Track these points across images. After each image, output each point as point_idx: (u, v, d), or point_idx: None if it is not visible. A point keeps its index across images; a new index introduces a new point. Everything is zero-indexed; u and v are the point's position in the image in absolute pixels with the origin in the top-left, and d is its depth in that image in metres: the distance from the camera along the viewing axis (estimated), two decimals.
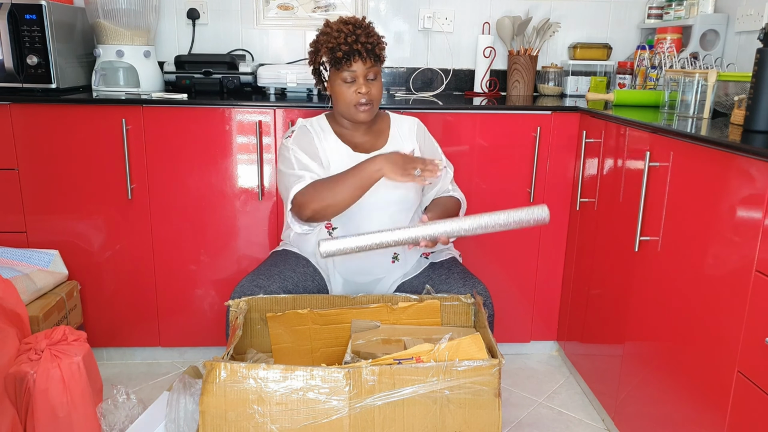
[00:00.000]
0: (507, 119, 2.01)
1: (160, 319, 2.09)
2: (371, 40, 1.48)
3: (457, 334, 1.27)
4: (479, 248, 2.09)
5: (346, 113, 1.54)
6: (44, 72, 1.96)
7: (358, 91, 1.50)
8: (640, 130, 1.57)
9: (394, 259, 1.59)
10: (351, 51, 1.47)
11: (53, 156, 1.92)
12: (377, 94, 1.53)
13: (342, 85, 1.51)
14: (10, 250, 1.88)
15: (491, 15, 2.46)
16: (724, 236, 1.20)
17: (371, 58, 1.49)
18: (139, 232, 2.00)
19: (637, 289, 1.57)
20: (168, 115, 1.93)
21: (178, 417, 1.44)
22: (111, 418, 1.55)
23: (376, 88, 1.53)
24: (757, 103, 1.31)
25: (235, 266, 2.06)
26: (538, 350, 2.29)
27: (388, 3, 2.44)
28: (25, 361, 1.46)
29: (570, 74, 2.44)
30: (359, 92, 1.50)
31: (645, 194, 1.49)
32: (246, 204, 2.01)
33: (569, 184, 2.06)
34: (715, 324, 1.23)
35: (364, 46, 1.47)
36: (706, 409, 1.26)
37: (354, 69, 1.49)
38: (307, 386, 1.12)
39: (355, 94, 1.50)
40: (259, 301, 1.43)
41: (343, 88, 1.51)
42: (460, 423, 1.17)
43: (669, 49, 2.05)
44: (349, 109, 1.53)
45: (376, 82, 1.53)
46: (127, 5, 2.05)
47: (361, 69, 1.49)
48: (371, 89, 1.51)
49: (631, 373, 1.61)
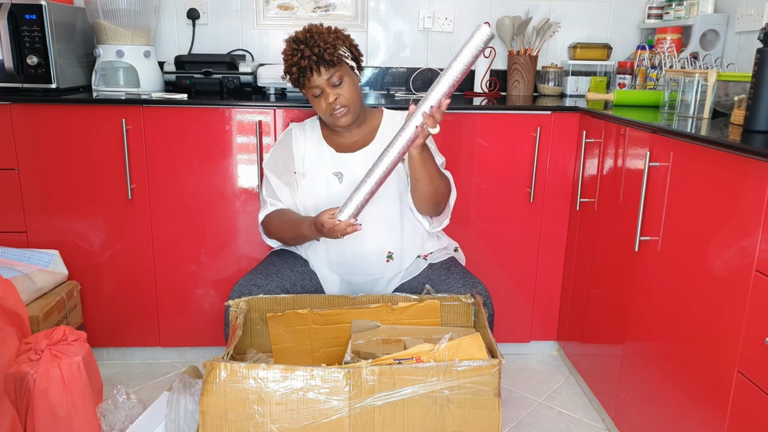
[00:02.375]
0: (507, 119, 2.01)
1: (160, 319, 2.09)
2: (316, 51, 1.44)
3: (457, 334, 1.27)
4: (479, 248, 2.09)
5: (328, 122, 1.56)
6: (44, 72, 1.96)
7: (327, 102, 1.50)
8: (640, 130, 1.57)
9: (388, 258, 1.59)
10: (300, 69, 1.46)
11: (53, 156, 1.92)
12: (349, 95, 1.51)
13: (313, 99, 1.52)
14: (10, 250, 1.88)
15: (491, 15, 2.46)
16: (724, 236, 1.20)
17: (324, 66, 1.46)
18: (139, 232, 2.00)
19: (637, 289, 1.57)
20: (168, 115, 1.93)
21: (178, 417, 1.44)
22: (111, 418, 1.56)
23: (346, 90, 1.50)
24: (757, 103, 1.31)
25: (235, 266, 2.06)
26: (538, 350, 2.29)
27: (388, 3, 2.44)
28: (25, 361, 1.46)
29: (570, 74, 2.44)
30: (328, 102, 1.50)
31: (645, 194, 1.49)
32: (246, 204, 2.01)
33: (569, 184, 2.06)
34: (715, 324, 1.23)
35: (310, 59, 1.45)
36: (706, 409, 1.26)
37: (313, 82, 1.48)
38: (307, 386, 1.12)
39: (325, 104, 1.51)
40: (259, 301, 1.43)
41: (315, 102, 1.52)
42: (460, 423, 1.17)
43: (669, 49, 2.05)
44: (327, 119, 1.54)
45: (344, 85, 1.50)
46: (127, 5, 2.05)
47: (320, 80, 1.48)
48: (340, 94, 1.50)
49: (631, 373, 1.61)
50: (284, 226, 1.56)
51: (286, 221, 1.55)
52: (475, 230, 2.08)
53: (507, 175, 2.05)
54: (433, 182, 1.46)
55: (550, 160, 2.04)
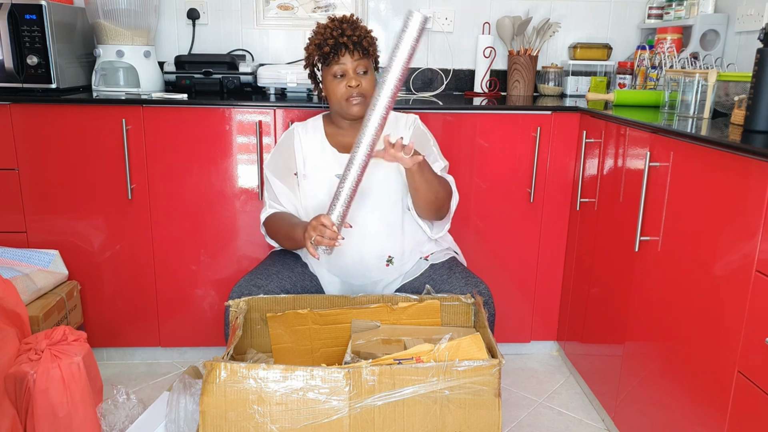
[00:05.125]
0: (507, 119, 2.01)
1: (160, 319, 2.09)
2: (357, 33, 1.48)
3: (457, 334, 1.27)
4: (479, 248, 2.09)
5: (339, 109, 1.55)
6: (44, 72, 1.96)
7: (348, 85, 1.50)
8: (640, 130, 1.57)
9: (388, 262, 1.59)
10: (337, 44, 1.48)
11: (53, 156, 1.92)
12: (368, 88, 1.52)
13: (333, 80, 1.52)
14: (10, 250, 1.88)
15: (491, 15, 2.46)
16: (724, 236, 1.20)
17: (359, 51, 1.49)
18: (139, 232, 2.00)
19: (637, 289, 1.57)
20: (168, 115, 1.93)
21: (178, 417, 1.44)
22: (111, 418, 1.56)
23: (367, 82, 1.52)
24: (757, 103, 1.31)
25: (235, 266, 2.06)
26: (538, 350, 2.29)
27: (388, 3, 2.44)
28: (25, 361, 1.46)
29: (570, 74, 2.44)
30: (349, 86, 1.50)
31: (645, 194, 1.49)
32: (246, 204, 2.01)
33: (569, 184, 2.06)
34: (715, 324, 1.23)
35: (350, 38, 1.47)
36: (706, 409, 1.26)
37: (342, 63, 1.50)
38: (307, 386, 1.12)
39: (345, 88, 1.51)
40: (258, 301, 1.43)
41: (334, 83, 1.52)
42: (460, 423, 1.17)
43: (669, 49, 2.05)
44: (341, 104, 1.53)
45: (367, 77, 1.52)
46: (127, 5, 2.05)
47: (350, 62, 1.50)
48: (362, 83, 1.51)
49: (631, 373, 1.61)
50: (280, 230, 1.55)
51: (283, 225, 1.55)
52: (475, 230, 2.08)
53: (507, 175, 2.05)
54: (432, 189, 1.47)
55: (550, 160, 2.04)
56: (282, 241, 1.58)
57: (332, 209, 1.36)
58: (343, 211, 1.36)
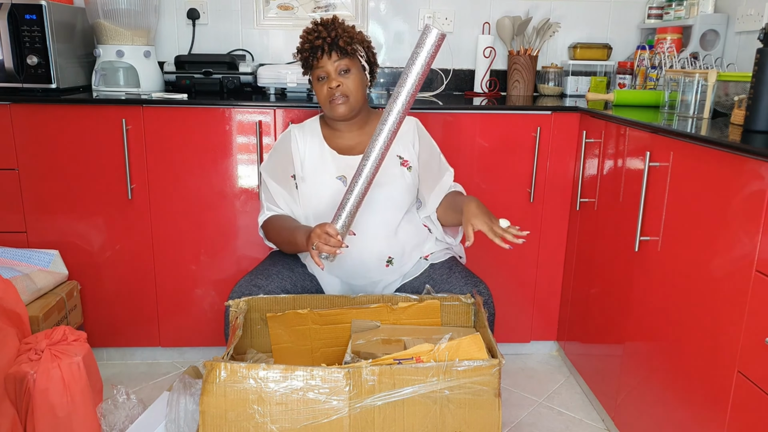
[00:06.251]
0: (507, 119, 2.01)
1: (160, 319, 2.09)
2: (333, 34, 1.48)
3: (457, 334, 1.27)
4: (479, 248, 2.08)
5: (326, 111, 1.56)
6: (44, 72, 1.96)
7: (329, 87, 1.50)
8: (640, 130, 1.57)
9: (388, 263, 1.58)
10: (313, 48, 1.48)
11: (53, 156, 1.92)
12: (352, 87, 1.51)
13: (316, 84, 1.53)
14: (10, 250, 1.88)
15: (491, 15, 2.46)
16: (724, 236, 1.20)
17: (336, 51, 1.48)
18: (139, 232, 2.00)
19: (637, 289, 1.57)
20: (168, 115, 1.93)
21: (178, 417, 1.44)
22: (111, 418, 1.56)
23: (351, 82, 1.51)
24: (757, 103, 1.31)
25: (235, 266, 2.06)
26: (538, 350, 2.29)
27: (388, 3, 2.44)
28: (25, 361, 1.46)
29: (570, 74, 2.44)
30: (330, 87, 1.50)
31: (645, 194, 1.49)
32: (246, 204, 2.01)
33: (569, 184, 2.06)
34: (715, 324, 1.23)
35: (325, 40, 1.47)
36: (706, 409, 1.26)
37: (321, 65, 1.50)
38: (307, 386, 1.12)
39: (326, 90, 1.51)
40: (258, 301, 1.43)
41: (318, 86, 1.53)
42: (460, 423, 1.17)
43: (669, 49, 2.05)
44: (325, 106, 1.54)
45: (350, 77, 1.51)
46: (127, 5, 2.05)
47: (329, 64, 1.49)
48: (343, 83, 1.50)
49: (631, 373, 1.61)
50: (280, 234, 1.54)
51: (283, 229, 1.54)
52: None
53: (507, 175, 2.05)
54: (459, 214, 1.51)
55: (550, 160, 2.04)
56: (282, 246, 1.57)
57: (337, 219, 1.36)
58: (348, 221, 1.37)
